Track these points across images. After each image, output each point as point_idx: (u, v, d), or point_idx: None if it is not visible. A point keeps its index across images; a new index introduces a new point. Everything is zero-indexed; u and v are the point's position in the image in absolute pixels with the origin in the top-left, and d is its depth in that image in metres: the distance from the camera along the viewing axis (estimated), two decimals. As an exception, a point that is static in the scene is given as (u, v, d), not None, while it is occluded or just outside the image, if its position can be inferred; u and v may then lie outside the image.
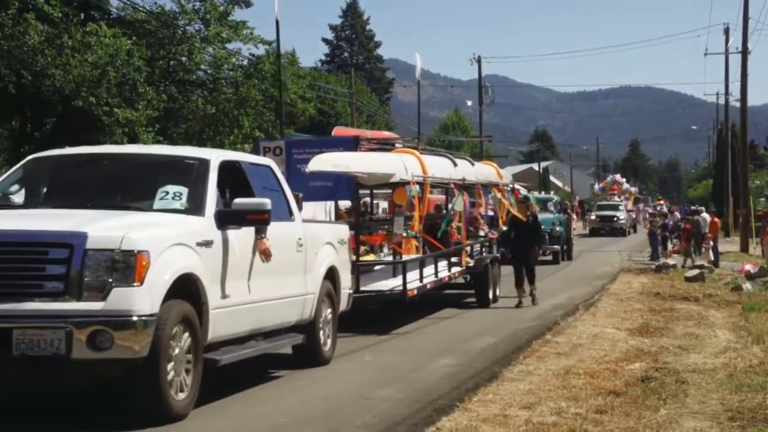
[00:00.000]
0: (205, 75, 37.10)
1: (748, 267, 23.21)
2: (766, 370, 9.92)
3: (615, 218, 51.77)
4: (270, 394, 9.32)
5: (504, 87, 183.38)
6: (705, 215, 32.10)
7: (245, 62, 36.81)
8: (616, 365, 10.34)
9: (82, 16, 29.67)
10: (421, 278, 14.48)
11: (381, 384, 9.70)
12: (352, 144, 14.85)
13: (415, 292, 14.00)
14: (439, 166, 16.60)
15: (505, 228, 18.85)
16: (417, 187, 14.71)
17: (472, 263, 17.14)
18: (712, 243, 29.46)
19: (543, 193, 47.70)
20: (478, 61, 58.98)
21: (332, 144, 15.25)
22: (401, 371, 10.52)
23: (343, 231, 11.82)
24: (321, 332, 10.62)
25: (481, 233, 19.01)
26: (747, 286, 19.47)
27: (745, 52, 38.00)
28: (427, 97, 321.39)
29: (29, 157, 9.57)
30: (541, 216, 28.70)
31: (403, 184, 14.59)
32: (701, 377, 9.62)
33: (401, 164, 14.58)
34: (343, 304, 11.48)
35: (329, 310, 10.91)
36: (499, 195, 19.72)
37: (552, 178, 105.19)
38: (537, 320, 15.17)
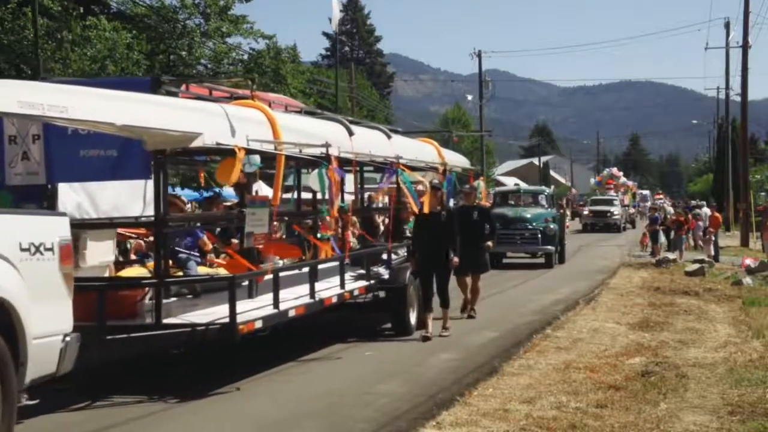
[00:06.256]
0: (206, 69, 37.08)
1: (748, 261, 23.20)
2: (766, 365, 9.93)
3: (609, 213, 50.48)
4: (271, 388, 9.33)
5: (505, 81, 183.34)
6: (706, 209, 32.15)
7: (245, 57, 36.83)
8: (616, 360, 10.34)
9: (82, 9, 29.60)
10: (277, 303, 9.81)
11: (382, 378, 9.70)
12: (146, 86, 9.22)
13: (256, 326, 9.24)
14: (312, 131, 11.14)
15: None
16: (257, 158, 10.03)
17: (386, 275, 12.99)
18: (713, 237, 29.49)
19: (542, 185, 47.35)
20: (479, 55, 58.95)
21: (112, 85, 8.94)
22: (402, 366, 10.52)
23: (46, 227, 6.84)
24: None
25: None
26: (747, 280, 19.47)
27: (745, 47, 37.98)
28: (428, 91, 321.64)
29: None
30: (533, 211, 26.42)
31: (230, 152, 9.20)
32: (701, 372, 9.64)
33: (222, 121, 9.16)
34: (47, 364, 6.68)
35: None
36: (401, 177, 13.42)
37: (552, 173, 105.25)
38: (537, 315, 15.17)
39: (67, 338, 6.87)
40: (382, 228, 16.36)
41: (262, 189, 21.51)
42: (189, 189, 22.30)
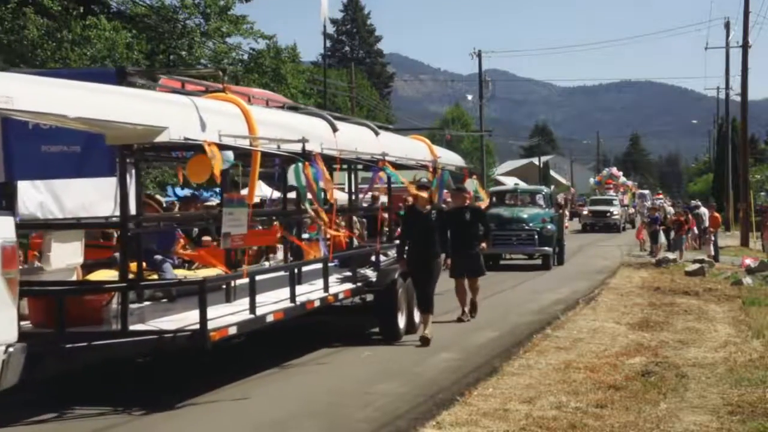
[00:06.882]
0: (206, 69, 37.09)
1: (748, 261, 23.20)
2: (766, 365, 9.94)
3: (608, 213, 50.34)
4: (271, 388, 9.33)
5: (504, 81, 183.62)
6: (704, 209, 32.13)
7: (245, 57, 36.87)
8: (616, 359, 10.34)
9: (82, 9, 29.60)
10: (253, 308, 9.19)
11: (382, 378, 9.70)
12: (111, 78, 8.43)
13: (230, 332, 8.66)
14: (293, 126, 10.56)
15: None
16: (230, 154, 9.17)
17: (373, 278, 12.51)
18: (713, 237, 29.49)
19: (542, 185, 47.20)
20: (479, 55, 58.95)
21: (73, 77, 7.82)
22: (402, 365, 10.52)
23: None
24: None
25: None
26: (747, 280, 19.47)
27: (745, 47, 37.99)
28: (428, 91, 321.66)
29: None
30: (529, 211, 25.83)
31: (199, 148, 8.43)
32: (701, 371, 9.64)
33: (191, 113, 8.45)
34: None
35: None
36: (383, 174, 13.05)
37: (552, 173, 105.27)
38: (537, 315, 15.17)
39: (11, 349, 6.23)
40: (386, 228, 16.21)
41: (261, 189, 21.38)
42: (189, 189, 22.28)
